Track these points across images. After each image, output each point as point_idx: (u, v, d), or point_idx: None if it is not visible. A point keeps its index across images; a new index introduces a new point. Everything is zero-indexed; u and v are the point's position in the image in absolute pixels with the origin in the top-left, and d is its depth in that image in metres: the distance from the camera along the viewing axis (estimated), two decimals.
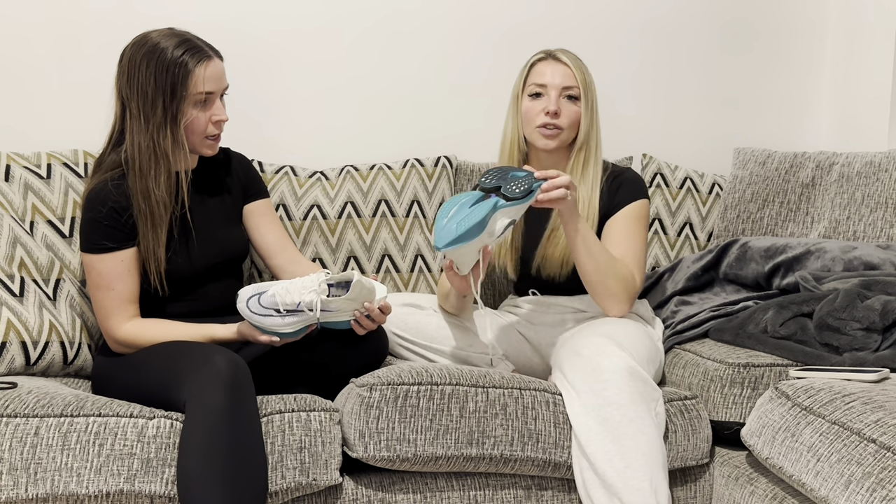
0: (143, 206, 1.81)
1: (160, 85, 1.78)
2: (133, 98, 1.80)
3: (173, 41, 1.81)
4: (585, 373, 1.76)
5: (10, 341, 1.80)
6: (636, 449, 1.69)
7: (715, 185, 2.65)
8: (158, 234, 1.83)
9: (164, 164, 1.81)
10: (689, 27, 2.80)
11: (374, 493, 1.77)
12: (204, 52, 1.82)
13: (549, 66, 2.04)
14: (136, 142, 1.81)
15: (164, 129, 1.80)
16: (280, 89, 2.53)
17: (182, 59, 1.79)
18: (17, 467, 1.53)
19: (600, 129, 2.08)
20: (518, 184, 1.77)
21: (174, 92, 1.79)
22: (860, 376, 1.71)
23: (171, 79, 1.78)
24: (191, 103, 1.81)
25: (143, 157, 1.80)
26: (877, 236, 2.37)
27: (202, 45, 1.83)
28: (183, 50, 1.80)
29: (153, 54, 1.79)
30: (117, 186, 1.82)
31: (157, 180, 1.81)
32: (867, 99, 2.73)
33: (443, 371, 1.78)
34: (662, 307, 2.32)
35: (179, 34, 1.83)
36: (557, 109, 2.00)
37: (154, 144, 1.80)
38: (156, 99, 1.79)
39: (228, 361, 1.59)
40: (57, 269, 1.98)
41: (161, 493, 1.58)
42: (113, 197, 1.81)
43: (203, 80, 1.80)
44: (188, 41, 1.82)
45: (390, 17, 2.58)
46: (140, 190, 1.81)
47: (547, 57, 2.06)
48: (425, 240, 2.42)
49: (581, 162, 2.05)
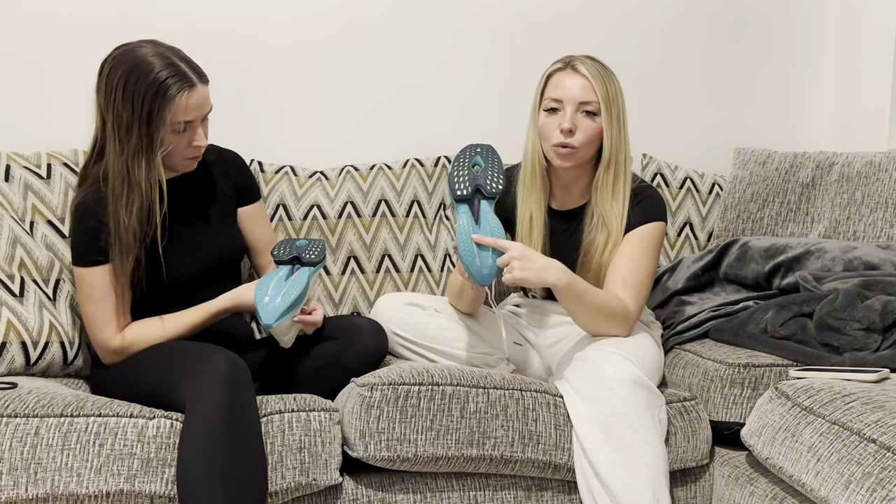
0: (113, 227, 1.75)
1: (136, 111, 1.69)
2: (109, 118, 1.73)
3: (156, 63, 1.70)
4: (590, 379, 1.75)
5: (10, 341, 1.80)
6: (639, 458, 1.69)
7: (715, 185, 2.65)
8: (125, 262, 1.76)
9: (136, 192, 1.73)
10: (689, 27, 2.80)
11: (374, 493, 1.77)
12: (187, 79, 1.72)
13: (567, 77, 1.90)
14: (111, 162, 1.74)
15: (139, 157, 1.72)
16: (280, 89, 2.53)
17: (163, 85, 1.68)
18: (17, 467, 1.53)
19: (629, 141, 1.94)
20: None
21: (150, 119, 1.69)
22: (860, 376, 1.71)
23: (149, 105, 1.68)
24: (169, 131, 1.74)
25: (115, 181, 1.74)
26: (877, 236, 2.37)
27: (185, 70, 1.72)
28: (165, 75, 1.69)
29: (132, 76, 1.69)
30: (101, 200, 1.77)
31: (128, 209, 1.73)
32: (867, 99, 2.73)
33: (444, 371, 1.78)
34: (662, 307, 2.32)
35: (164, 55, 1.72)
36: (572, 127, 1.87)
37: (127, 171, 1.72)
38: (131, 124, 1.70)
39: (228, 361, 1.59)
40: (57, 269, 1.98)
41: (161, 494, 1.58)
42: (99, 210, 1.77)
43: (184, 110, 1.72)
44: (171, 64, 1.71)
45: (391, 17, 2.58)
46: (112, 212, 1.75)
47: (565, 67, 1.92)
48: (425, 240, 2.42)
49: (610, 179, 1.92)
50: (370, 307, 2.35)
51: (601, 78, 1.90)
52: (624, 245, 1.92)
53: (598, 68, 1.91)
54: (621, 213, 1.92)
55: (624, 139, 1.92)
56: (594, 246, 1.95)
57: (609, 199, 1.93)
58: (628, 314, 1.87)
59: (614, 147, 1.90)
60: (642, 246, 1.92)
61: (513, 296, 2.25)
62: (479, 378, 1.79)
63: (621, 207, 1.92)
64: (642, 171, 2.64)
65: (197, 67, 1.77)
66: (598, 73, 1.90)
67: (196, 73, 1.75)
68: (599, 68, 1.91)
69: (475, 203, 1.80)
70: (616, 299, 1.86)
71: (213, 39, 1.88)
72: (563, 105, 1.89)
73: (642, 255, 1.91)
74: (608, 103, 1.89)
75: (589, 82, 1.89)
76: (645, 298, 1.92)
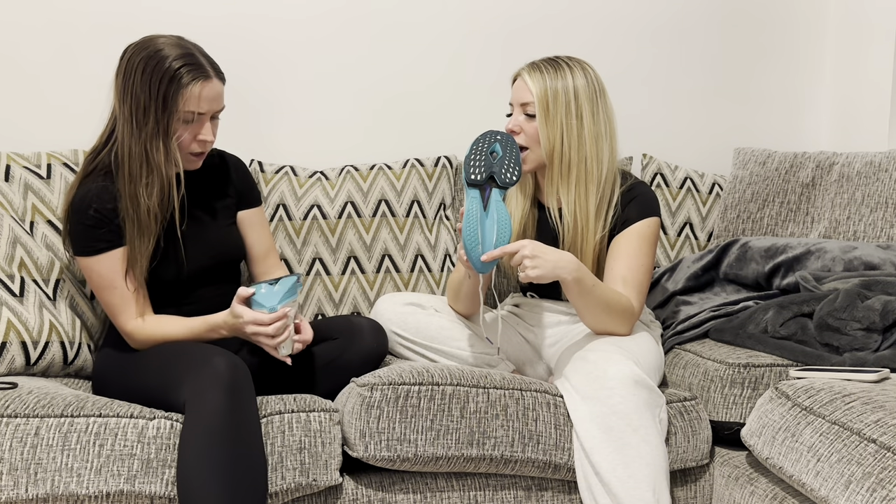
0: (132, 211, 1.77)
1: (153, 94, 1.73)
2: (126, 101, 1.76)
3: (175, 52, 1.75)
4: (591, 378, 1.76)
5: (10, 341, 1.80)
6: (640, 458, 1.69)
7: (715, 185, 2.65)
8: (146, 244, 1.79)
9: (157, 175, 1.77)
10: (689, 27, 2.80)
11: (374, 493, 1.77)
12: (203, 70, 1.76)
13: (518, 80, 1.96)
14: (126, 145, 1.76)
15: (157, 140, 1.75)
16: (281, 89, 2.53)
17: (178, 72, 1.73)
18: (17, 467, 1.53)
19: (602, 140, 1.92)
20: (507, 165, 1.81)
21: (165, 104, 1.74)
22: (860, 376, 1.71)
23: (164, 90, 1.73)
24: (180, 119, 1.77)
25: (133, 164, 1.76)
26: (877, 236, 2.37)
27: (203, 63, 1.77)
28: (181, 63, 1.73)
29: (151, 60, 1.74)
30: (102, 189, 1.79)
31: (148, 189, 1.77)
32: (867, 99, 2.73)
33: (444, 371, 1.78)
34: (662, 307, 2.32)
35: (184, 46, 1.78)
36: (514, 128, 1.93)
37: (146, 154, 1.75)
38: (147, 107, 1.74)
39: (228, 363, 1.59)
40: (57, 269, 1.98)
41: (161, 494, 1.58)
42: (96, 200, 1.78)
43: (196, 99, 1.75)
44: (190, 55, 1.76)
45: (391, 17, 2.58)
46: (129, 194, 1.77)
47: (518, 72, 1.97)
48: (425, 240, 2.42)
49: (559, 178, 1.92)
50: (370, 307, 2.35)
51: (541, 79, 1.90)
52: (621, 243, 1.93)
53: (543, 69, 1.92)
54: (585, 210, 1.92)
55: (580, 137, 1.90)
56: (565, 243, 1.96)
57: (569, 197, 1.92)
58: (633, 311, 1.88)
59: (554, 144, 1.90)
60: (639, 244, 1.93)
61: (512, 296, 2.25)
62: (479, 378, 1.79)
63: (584, 203, 1.92)
64: (642, 171, 2.64)
65: (215, 64, 1.81)
66: (539, 74, 1.91)
67: (213, 68, 1.80)
68: (547, 69, 1.92)
69: (486, 190, 1.80)
70: (621, 296, 1.87)
71: (214, 39, 1.88)
72: (513, 108, 1.97)
73: (640, 253, 1.92)
74: (545, 103, 1.89)
75: (525, 84, 1.92)
76: (645, 296, 1.93)
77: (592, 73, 1.94)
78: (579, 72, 1.92)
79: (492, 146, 1.85)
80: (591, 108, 1.91)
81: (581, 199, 1.93)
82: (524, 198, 2.04)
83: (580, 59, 1.97)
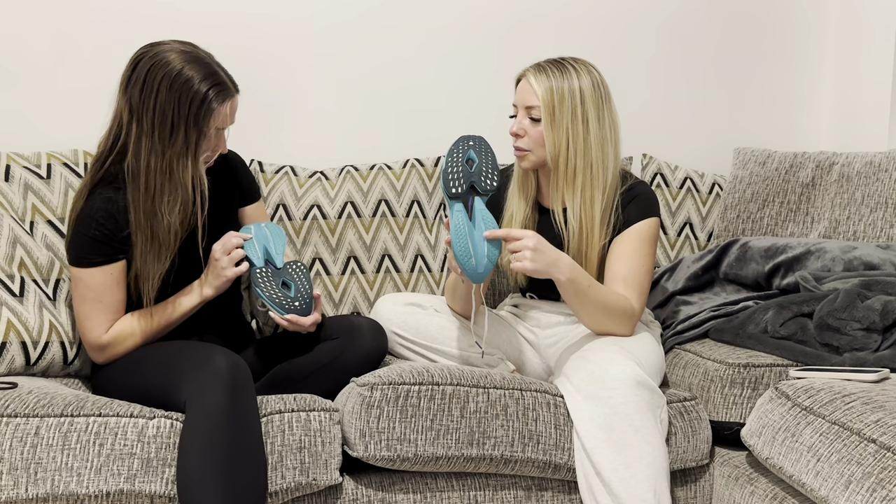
0: (145, 224, 1.75)
1: (183, 114, 1.72)
2: (147, 115, 1.73)
3: (198, 71, 1.73)
4: (592, 379, 1.75)
5: (10, 341, 1.80)
6: (641, 459, 1.69)
7: (715, 185, 2.65)
8: (162, 262, 1.78)
9: (180, 192, 1.76)
10: (688, 26, 2.80)
11: (374, 493, 1.77)
12: (228, 88, 1.77)
13: (522, 82, 1.93)
14: (145, 160, 1.74)
15: (185, 160, 1.75)
16: (280, 89, 2.53)
17: (207, 94, 1.73)
18: (17, 467, 1.53)
19: (607, 146, 1.90)
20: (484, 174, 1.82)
21: (197, 125, 1.73)
22: (860, 376, 1.71)
23: (196, 112, 1.73)
24: (210, 139, 1.78)
25: (152, 178, 1.74)
26: (877, 236, 2.37)
27: (225, 80, 1.78)
28: (209, 85, 1.73)
29: (178, 80, 1.72)
30: (108, 201, 1.77)
31: (170, 206, 1.75)
32: (867, 99, 2.73)
33: (444, 371, 1.78)
34: (662, 307, 2.32)
35: (201, 61, 1.76)
36: (518, 131, 1.92)
37: (170, 171, 1.74)
38: (177, 126, 1.72)
39: (229, 362, 1.59)
40: (57, 269, 1.98)
41: (161, 493, 1.58)
42: (104, 213, 1.76)
43: (224, 118, 1.78)
44: (214, 73, 1.75)
45: (391, 16, 2.58)
46: (145, 210, 1.75)
47: (525, 72, 1.94)
48: (425, 240, 2.42)
49: (564, 183, 1.91)
50: (370, 307, 2.35)
51: (547, 82, 1.88)
52: (621, 244, 1.92)
53: (549, 72, 1.89)
54: (590, 212, 1.91)
55: (586, 142, 1.89)
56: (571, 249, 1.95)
57: (574, 203, 1.91)
58: (633, 312, 1.88)
59: (560, 150, 1.88)
60: (640, 244, 1.92)
61: (511, 296, 2.25)
62: (479, 378, 1.79)
63: (589, 206, 1.91)
64: (642, 171, 2.64)
65: (231, 76, 1.81)
66: (545, 77, 1.89)
67: (231, 82, 1.80)
68: (553, 71, 1.89)
69: (469, 200, 1.80)
70: (620, 297, 1.86)
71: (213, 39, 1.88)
72: (517, 110, 1.94)
73: (640, 253, 1.91)
74: (551, 107, 1.87)
75: (531, 87, 1.90)
76: (646, 296, 1.92)
77: (598, 75, 1.93)
78: (585, 75, 1.90)
79: (466, 154, 1.83)
80: (596, 113, 1.90)
81: (587, 204, 1.91)
82: (525, 200, 2.03)
83: (585, 60, 1.95)
